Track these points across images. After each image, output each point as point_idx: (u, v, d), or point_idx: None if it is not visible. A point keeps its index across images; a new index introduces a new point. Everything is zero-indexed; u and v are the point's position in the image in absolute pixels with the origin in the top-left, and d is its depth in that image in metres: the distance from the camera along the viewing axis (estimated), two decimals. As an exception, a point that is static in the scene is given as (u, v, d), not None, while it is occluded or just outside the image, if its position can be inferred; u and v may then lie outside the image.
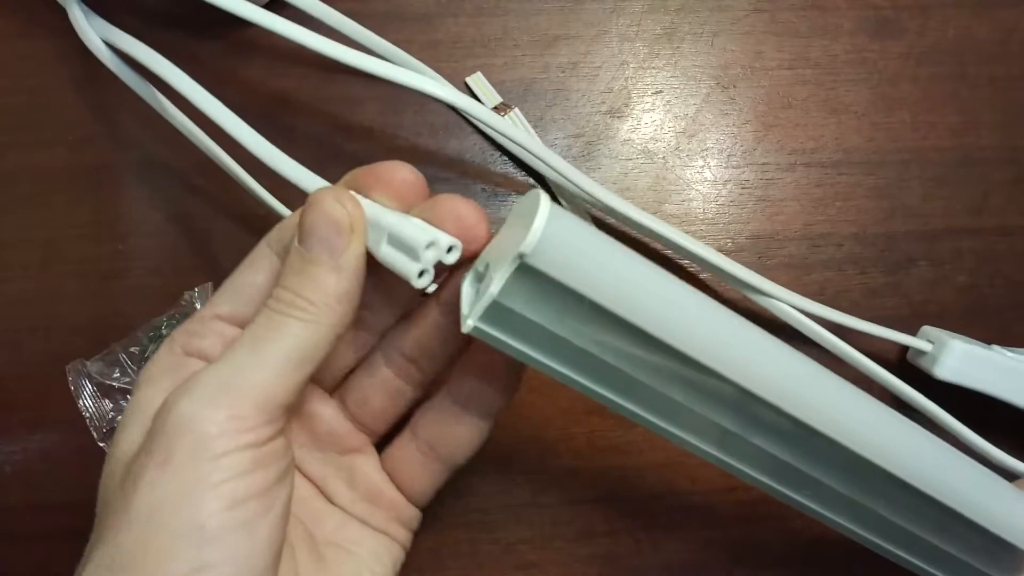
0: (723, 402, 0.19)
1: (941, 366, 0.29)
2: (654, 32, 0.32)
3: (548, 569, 0.29)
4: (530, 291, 0.17)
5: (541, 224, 0.16)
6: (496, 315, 0.17)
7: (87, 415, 0.29)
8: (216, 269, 0.30)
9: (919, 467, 0.20)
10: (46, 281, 0.30)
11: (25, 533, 0.29)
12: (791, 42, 0.32)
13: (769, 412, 0.19)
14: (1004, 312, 0.32)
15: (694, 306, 0.18)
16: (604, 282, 0.17)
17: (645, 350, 0.18)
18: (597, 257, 0.17)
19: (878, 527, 0.21)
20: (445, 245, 0.17)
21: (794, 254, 0.31)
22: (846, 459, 0.19)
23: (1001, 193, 0.32)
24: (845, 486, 0.20)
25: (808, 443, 0.19)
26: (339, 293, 0.18)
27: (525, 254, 0.16)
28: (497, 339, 0.17)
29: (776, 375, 0.18)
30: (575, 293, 0.17)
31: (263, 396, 0.17)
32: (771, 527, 0.30)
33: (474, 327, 0.17)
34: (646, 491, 0.30)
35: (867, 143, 0.32)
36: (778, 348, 0.19)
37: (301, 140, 0.31)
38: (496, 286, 0.16)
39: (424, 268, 0.17)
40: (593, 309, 0.17)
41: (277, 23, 0.23)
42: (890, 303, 0.31)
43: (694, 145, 0.32)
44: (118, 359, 0.29)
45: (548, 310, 0.17)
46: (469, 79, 0.31)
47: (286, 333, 0.18)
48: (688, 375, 0.18)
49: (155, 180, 0.30)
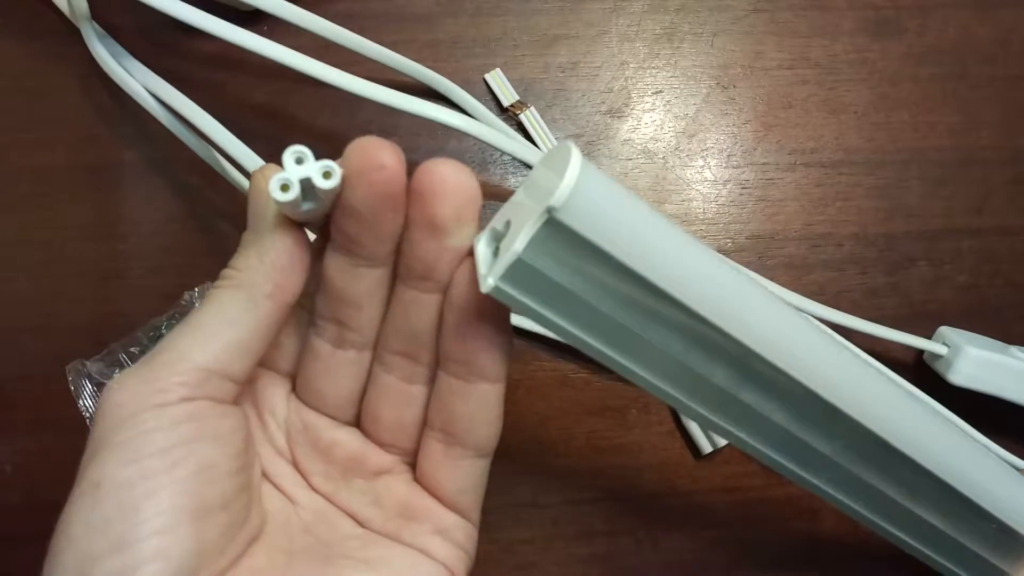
0: (752, 378, 0.18)
1: (955, 372, 0.29)
2: (654, 32, 0.32)
3: (548, 569, 0.29)
4: (555, 249, 0.15)
5: (573, 176, 0.15)
6: (518, 274, 0.16)
7: (87, 415, 0.29)
8: (216, 269, 0.30)
9: (930, 448, 0.20)
10: (46, 281, 0.30)
11: (25, 533, 0.29)
12: (791, 42, 0.32)
13: (796, 387, 0.18)
14: (1004, 312, 0.32)
15: (726, 275, 0.17)
16: (636, 243, 0.16)
17: (674, 319, 0.17)
18: (629, 216, 0.16)
19: (884, 508, 0.21)
20: (319, 165, 0.16)
21: (794, 254, 0.31)
22: (862, 437, 0.19)
23: (1001, 193, 0.32)
24: (857, 465, 0.20)
25: (842, 426, 0.19)
26: (261, 252, 0.18)
27: (555, 208, 0.15)
28: (517, 300, 0.16)
29: (811, 358, 0.18)
30: (603, 253, 0.15)
31: (177, 360, 0.17)
32: (771, 527, 0.30)
33: (495, 286, 0.16)
34: (646, 491, 0.30)
35: (867, 143, 0.32)
36: (809, 328, 0.19)
37: (299, 141, 0.31)
38: (521, 242, 0.15)
39: (286, 179, 0.16)
40: (621, 272, 0.16)
41: (262, 44, 0.23)
42: (890, 303, 0.31)
43: (694, 145, 0.32)
44: (118, 359, 0.29)
45: (571, 271, 0.16)
46: (488, 76, 0.31)
47: (209, 302, 0.18)
48: (713, 343, 0.17)
49: (155, 180, 0.30)
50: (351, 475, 0.20)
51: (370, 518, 0.20)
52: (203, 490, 0.16)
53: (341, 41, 0.28)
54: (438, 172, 0.16)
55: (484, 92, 0.31)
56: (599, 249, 0.15)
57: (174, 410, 0.17)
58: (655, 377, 0.18)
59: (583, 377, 0.30)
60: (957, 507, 0.21)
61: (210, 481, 0.17)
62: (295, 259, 0.18)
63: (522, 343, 0.30)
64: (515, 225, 0.16)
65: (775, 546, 0.30)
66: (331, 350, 0.19)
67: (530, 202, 0.16)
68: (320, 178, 0.16)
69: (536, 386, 0.30)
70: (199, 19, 0.23)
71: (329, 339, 0.19)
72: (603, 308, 0.16)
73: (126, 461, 0.16)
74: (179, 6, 0.23)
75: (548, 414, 0.30)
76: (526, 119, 0.31)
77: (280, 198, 0.16)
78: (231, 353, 0.17)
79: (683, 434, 0.30)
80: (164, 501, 0.16)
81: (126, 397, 0.16)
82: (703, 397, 0.18)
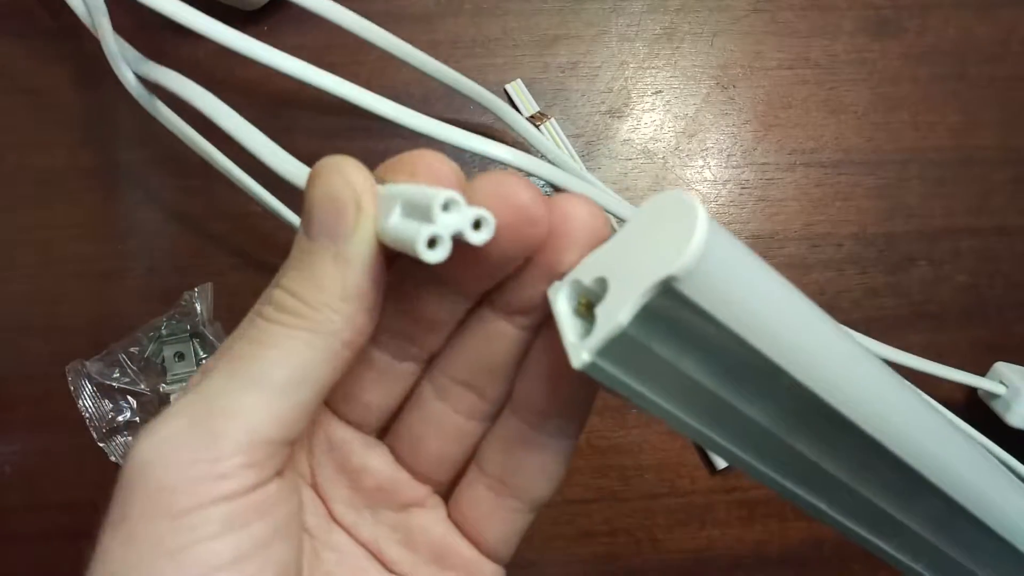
0: (866, 464, 0.16)
1: (1014, 414, 0.28)
2: (654, 32, 0.32)
3: (548, 569, 0.29)
4: (666, 322, 0.13)
5: (701, 240, 0.12)
6: (618, 348, 0.13)
7: (87, 415, 0.29)
8: (216, 269, 0.30)
9: (964, 478, 0.19)
10: (46, 281, 0.30)
11: (25, 533, 0.29)
12: (791, 42, 0.32)
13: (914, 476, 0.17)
14: (1003, 312, 0.32)
15: (862, 363, 0.16)
16: (762, 318, 0.14)
17: (791, 402, 0.15)
18: (758, 288, 0.14)
19: (900, 536, 0.21)
20: (471, 214, 0.13)
21: (794, 254, 0.31)
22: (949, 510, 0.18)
23: (1001, 193, 0.32)
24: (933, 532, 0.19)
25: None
26: (345, 289, 0.14)
27: (676, 277, 0.12)
28: (613, 377, 0.14)
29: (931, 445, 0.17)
30: (722, 327, 0.13)
31: (243, 431, 0.13)
32: (771, 527, 0.30)
33: (591, 363, 0.13)
34: (646, 491, 0.30)
35: (867, 143, 0.32)
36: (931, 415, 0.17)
37: (301, 140, 0.31)
38: (626, 313, 0.13)
39: (436, 234, 0.13)
40: (745, 351, 0.14)
41: (259, 50, 0.23)
42: (890, 303, 0.31)
43: (694, 145, 0.32)
44: (118, 359, 0.29)
45: (678, 345, 0.14)
46: (509, 86, 0.31)
47: (274, 346, 0.14)
48: (841, 438, 0.15)
49: (155, 180, 0.30)
50: (379, 505, 0.18)
51: (398, 560, 0.17)
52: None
53: (372, 38, 0.26)
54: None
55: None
56: (719, 323, 0.13)
57: (243, 504, 0.13)
58: (755, 459, 0.16)
59: (583, 377, 0.30)
60: (979, 536, 0.20)
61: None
62: (382, 297, 0.15)
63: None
64: (615, 288, 0.13)
65: (775, 546, 0.30)
66: (390, 362, 0.17)
67: (634, 260, 0.13)
68: (471, 231, 0.13)
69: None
70: (196, 21, 0.23)
71: (390, 351, 0.17)
72: (708, 386, 0.14)
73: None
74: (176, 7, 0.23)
75: (548, 414, 0.30)
76: (546, 130, 0.30)
77: (430, 259, 0.13)
78: (302, 417, 0.14)
79: (700, 451, 0.30)
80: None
81: (175, 477, 0.13)
82: (806, 480, 0.17)
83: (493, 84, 0.31)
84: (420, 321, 0.16)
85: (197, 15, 0.23)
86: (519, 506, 0.17)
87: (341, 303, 0.14)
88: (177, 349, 0.29)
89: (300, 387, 0.14)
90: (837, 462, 0.16)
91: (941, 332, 0.31)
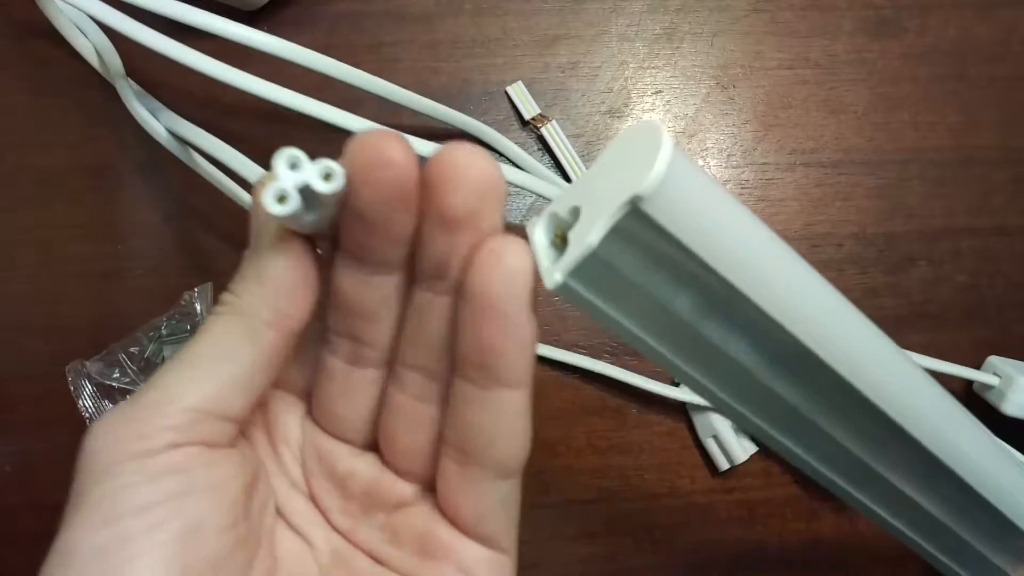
0: (833, 402, 0.17)
1: (1009, 403, 0.29)
2: (654, 32, 0.32)
3: (548, 569, 0.29)
4: (633, 244, 0.14)
5: (665, 161, 0.13)
6: (589, 269, 0.14)
7: (87, 415, 0.29)
8: (216, 269, 0.30)
9: (949, 438, 0.19)
10: (46, 281, 0.30)
11: (25, 533, 0.29)
12: (791, 42, 0.32)
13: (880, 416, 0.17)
14: (1004, 312, 0.32)
15: (815, 287, 0.16)
16: (724, 243, 0.14)
17: (754, 330, 0.15)
18: (719, 212, 0.14)
19: (894, 501, 0.21)
20: (318, 167, 0.14)
21: (794, 254, 0.31)
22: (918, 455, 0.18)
23: (1001, 193, 0.32)
24: (906, 481, 0.19)
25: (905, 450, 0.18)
26: (259, 274, 0.15)
27: (641, 197, 0.13)
28: (584, 298, 0.14)
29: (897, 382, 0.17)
30: (687, 251, 0.14)
31: (166, 398, 0.15)
32: (771, 527, 0.30)
33: (562, 283, 0.14)
34: (646, 491, 0.30)
35: (867, 143, 0.32)
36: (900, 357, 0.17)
37: (303, 143, 0.31)
38: (596, 234, 0.13)
39: (281, 188, 0.13)
40: (703, 272, 0.14)
41: (246, 81, 0.23)
42: (890, 303, 0.31)
43: (694, 145, 0.32)
44: (118, 359, 0.29)
45: (646, 268, 0.14)
46: (509, 88, 0.31)
47: (203, 331, 0.16)
48: (793, 359, 0.16)
49: (155, 180, 0.30)
50: (371, 509, 0.18)
51: (389, 558, 0.18)
52: (189, 553, 0.14)
53: (361, 84, 0.27)
54: (450, 159, 0.14)
55: (483, 95, 0.31)
56: (683, 246, 0.14)
57: (159, 460, 0.14)
58: (719, 388, 0.16)
59: (584, 377, 0.30)
60: (965, 499, 0.20)
61: (198, 543, 0.15)
62: (299, 279, 0.16)
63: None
64: (586, 213, 0.14)
65: (775, 546, 0.30)
66: (346, 368, 0.17)
67: (605, 187, 0.14)
68: (320, 182, 0.14)
69: (536, 386, 0.30)
70: (176, 51, 0.23)
71: (343, 356, 0.17)
72: (675, 310, 0.15)
73: (101, 523, 0.14)
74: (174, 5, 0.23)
75: (548, 414, 0.30)
76: (547, 132, 0.30)
77: (278, 212, 0.14)
78: (228, 391, 0.15)
79: (700, 451, 0.30)
80: (143, 570, 0.14)
81: (104, 444, 0.15)
82: (771, 414, 0.17)
83: (494, 84, 0.31)
84: (357, 313, 0.17)
85: (176, 46, 0.23)
86: (484, 473, 0.17)
87: (257, 286, 0.15)
88: (177, 349, 0.29)
89: (224, 363, 0.15)
90: (805, 398, 0.16)
91: (941, 332, 0.32)
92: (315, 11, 0.31)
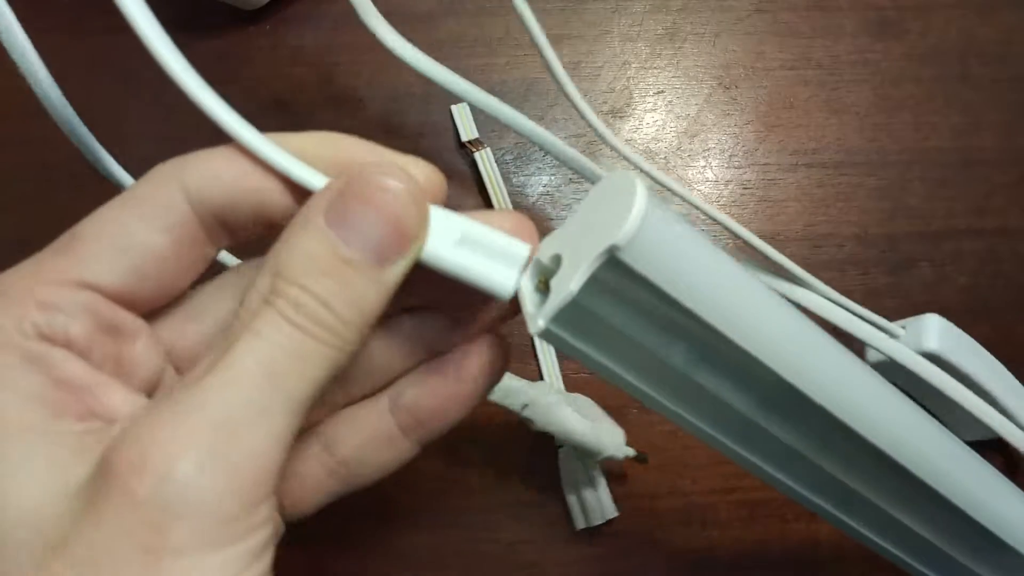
0: (821, 435, 0.17)
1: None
2: (656, 32, 0.32)
3: (548, 569, 0.29)
4: (612, 291, 0.14)
5: (640, 213, 0.13)
6: (571, 316, 0.14)
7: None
8: (216, 269, 0.30)
9: (951, 474, 0.19)
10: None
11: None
12: (793, 42, 0.32)
13: (866, 447, 0.17)
14: (1005, 313, 0.32)
15: (793, 325, 0.16)
16: (700, 287, 0.15)
17: (735, 368, 0.16)
18: (695, 258, 0.15)
19: (886, 523, 0.21)
20: (540, 262, 0.15)
21: (795, 255, 0.31)
22: (908, 483, 0.19)
23: (1003, 194, 0.32)
24: (895, 506, 0.19)
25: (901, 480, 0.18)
26: (376, 312, 0.14)
27: (618, 247, 0.13)
28: (567, 343, 0.15)
29: (869, 407, 0.17)
30: (665, 296, 0.14)
31: (268, 459, 0.13)
32: (771, 527, 0.30)
33: (545, 329, 0.14)
34: (646, 491, 0.30)
35: (869, 144, 0.32)
36: (864, 372, 0.18)
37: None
38: (577, 282, 0.14)
39: (519, 283, 0.15)
40: (681, 315, 0.15)
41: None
42: (891, 304, 0.31)
43: (696, 145, 0.32)
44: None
45: (627, 313, 0.15)
46: (455, 107, 0.30)
47: (313, 364, 0.13)
48: (779, 399, 0.16)
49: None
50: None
51: None
52: None
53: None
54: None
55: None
56: (661, 292, 0.14)
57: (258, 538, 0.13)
58: (707, 424, 0.17)
59: (583, 377, 0.30)
60: (974, 536, 0.20)
61: None
62: None
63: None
64: (568, 261, 0.15)
65: (775, 546, 0.30)
66: None
67: (584, 236, 0.14)
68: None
69: (537, 386, 0.30)
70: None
71: None
72: (663, 356, 0.15)
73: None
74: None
75: (549, 414, 0.30)
76: (480, 159, 0.30)
77: (507, 298, 0.15)
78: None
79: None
80: None
81: (217, 509, 0.12)
82: (761, 450, 0.17)
83: (495, 84, 0.31)
84: None
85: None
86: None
87: (367, 327, 0.14)
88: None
89: (311, 407, 0.14)
90: (797, 436, 0.17)
91: (942, 333, 0.31)
92: (317, 10, 0.31)
